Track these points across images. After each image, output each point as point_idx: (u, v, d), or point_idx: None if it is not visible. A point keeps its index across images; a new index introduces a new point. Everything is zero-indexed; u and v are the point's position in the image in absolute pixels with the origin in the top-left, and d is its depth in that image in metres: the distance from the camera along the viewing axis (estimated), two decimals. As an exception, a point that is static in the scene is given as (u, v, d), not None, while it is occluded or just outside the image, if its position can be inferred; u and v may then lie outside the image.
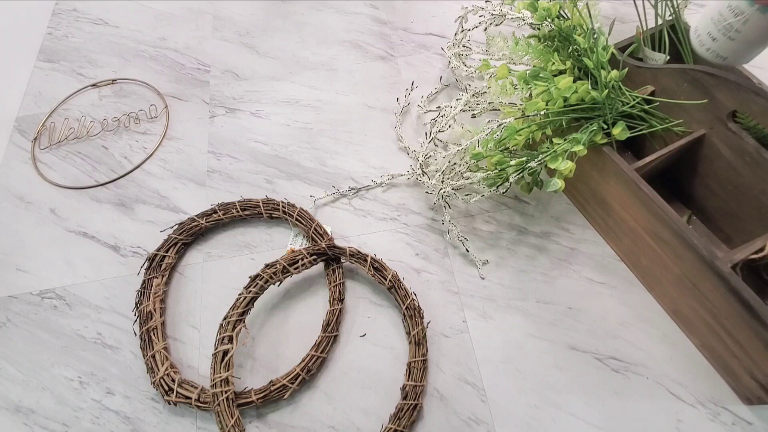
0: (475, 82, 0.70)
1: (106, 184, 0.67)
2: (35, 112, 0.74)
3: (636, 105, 0.52)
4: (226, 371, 0.48)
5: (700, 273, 0.44)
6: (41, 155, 0.70)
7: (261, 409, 0.51)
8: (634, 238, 0.52)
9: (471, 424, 0.49)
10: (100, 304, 0.58)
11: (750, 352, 0.43)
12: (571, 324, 0.53)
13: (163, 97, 0.75)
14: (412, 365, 0.50)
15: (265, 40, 0.80)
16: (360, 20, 0.81)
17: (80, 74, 0.78)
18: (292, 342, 0.54)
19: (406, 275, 0.57)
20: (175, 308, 0.57)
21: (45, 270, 0.60)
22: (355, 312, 0.56)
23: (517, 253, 0.58)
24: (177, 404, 0.50)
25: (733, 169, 0.49)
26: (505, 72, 0.53)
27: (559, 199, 0.61)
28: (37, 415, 0.51)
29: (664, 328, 0.52)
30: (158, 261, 0.58)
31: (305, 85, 0.74)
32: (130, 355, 0.54)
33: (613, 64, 0.54)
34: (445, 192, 0.57)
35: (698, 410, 0.48)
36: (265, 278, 0.52)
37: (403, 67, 0.75)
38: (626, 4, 0.78)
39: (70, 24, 0.85)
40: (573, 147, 0.48)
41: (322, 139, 0.69)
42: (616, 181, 0.50)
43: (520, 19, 0.55)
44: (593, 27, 0.50)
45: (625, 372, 0.50)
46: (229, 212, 0.60)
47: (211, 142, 0.70)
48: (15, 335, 0.56)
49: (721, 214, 0.53)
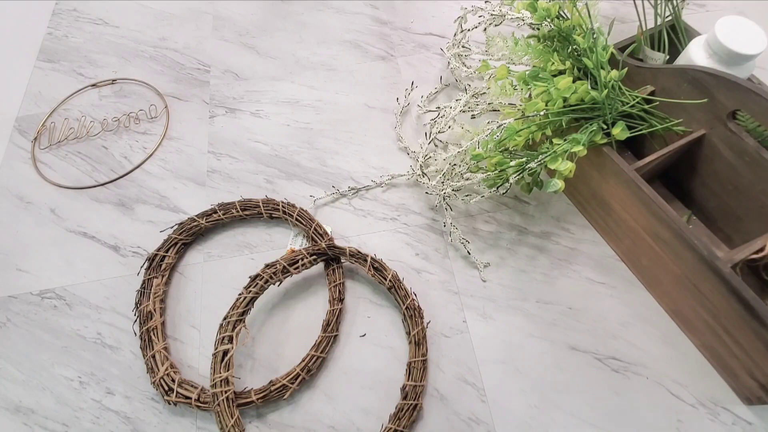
0: (474, 82, 0.70)
1: (106, 184, 0.67)
2: (35, 112, 0.74)
3: (636, 105, 0.52)
4: (226, 371, 0.48)
5: (700, 273, 0.44)
6: (41, 155, 0.70)
7: (261, 409, 0.51)
8: (634, 238, 0.52)
9: (471, 424, 0.49)
10: (100, 304, 0.58)
11: (750, 352, 0.43)
12: (571, 324, 0.53)
13: (163, 97, 0.75)
14: (412, 365, 0.50)
15: (265, 40, 0.80)
16: (360, 20, 0.81)
17: (80, 74, 0.78)
18: (292, 342, 0.54)
19: (406, 275, 0.57)
20: (175, 308, 0.57)
21: (45, 270, 0.60)
22: (355, 312, 0.56)
23: (517, 253, 0.58)
24: (177, 404, 0.50)
25: (733, 169, 0.49)
26: (505, 73, 0.52)
27: (559, 199, 0.61)
28: (37, 415, 0.51)
29: (664, 328, 0.52)
30: (158, 261, 0.58)
31: (305, 85, 0.74)
32: (130, 355, 0.54)
33: (612, 64, 0.54)
34: (446, 194, 0.57)
35: (698, 410, 0.48)
36: (265, 278, 0.52)
37: (403, 67, 0.75)
38: (626, 4, 0.78)
39: (70, 24, 0.85)
40: (573, 147, 0.48)
41: (322, 139, 0.69)
42: (616, 181, 0.50)
43: (520, 19, 0.55)
44: (593, 27, 0.50)
45: (625, 372, 0.50)
46: (229, 212, 0.60)
47: (211, 142, 0.70)
48: (15, 335, 0.56)
49: (721, 214, 0.53)
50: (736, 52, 0.48)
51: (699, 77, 0.48)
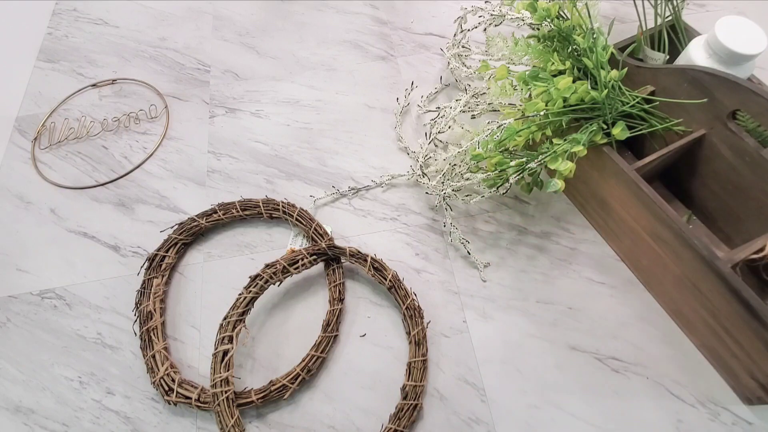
0: (474, 82, 0.70)
1: (106, 184, 0.67)
2: (35, 112, 0.74)
3: (636, 105, 0.52)
4: (226, 371, 0.48)
5: (700, 273, 0.44)
6: (41, 155, 0.70)
7: (261, 409, 0.51)
8: (634, 238, 0.52)
9: (471, 424, 0.49)
10: (100, 304, 0.58)
11: (750, 352, 0.43)
12: (571, 324, 0.53)
13: (163, 97, 0.75)
14: (412, 365, 0.50)
15: (265, 40, 0.80)
16: (360, 20, 0.81)
17: (80, 74, 0.78)
18: (292, 342, 0.54)
19: (406, 275, 0.57)
20: (175, 308, 0.57)
21: (45, 270, 0.60)
22: (355, 312, 0.56)
23: (517, 253, 0.58)
24: (177, 404, 0.50)
25: (733, 169, 0.49)
26: (505, 73, 0.52)
27: (559, 199, 0.61)
28: (37, 415, 0.51)
29: (664, 328, 0.52)
30: (158, 261, 0.58)
31: (305, 85, 0.74)
32: (130, 355, 0.54)
33: (612, 64, 0.54)
34: (446, 194, 0.57)
35: (698, 410, 0.48)
36: (265, 278, 0.52)
37: (403, 67, 0.75)
38: (626, 4, 0.78)
39: (70, 24, 0.85)
40: (573, 147, 0.48)
41: (322, 139, 0.69)
42: (616, 181, 0.50)
43: (520, 19, 0.55)
44: (593, 27, 0.50)
45: (625, 372, 0.50)
46: (229, 212, 0.60)
47: (211, 142, 0.70)
48: (15, 335, 0.56)
49: (721, 214, 0.53)
50: (736, 52, 0.48)
51: (699, 77, 0.48)
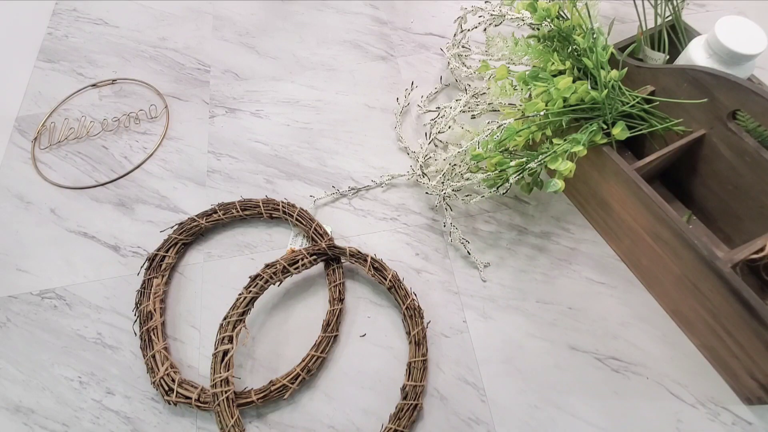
0: (474, 82, 0.70)
1: (106, 184, 0.67)
2: (35, 112, 0.74)
3: (636, 105, 0.52)
4: (226, 371, 0.48)
5: (700, 273, 0.44)
6: (41, 155, 0.70)
7: (261, 409, 0.51)
8: (634, 238, 0.52)
9: (471, 424, 0.49)
10: (100, 304, 0.58)
11: (750, 352, 0.43)
12: (571, 324, 0.53)
13: (163, 97, 0.75)
14: (412, 365, 0.50)
15: (265, 40, 0.80)
16: (360, 20, 0.81)
17: (80, 74, 0.78)
18: (292, 342, 0.54)
19: (406, 275, 0.57)
20: (175, 308, 0.57)
21: (45, 270, 0.60)
22: (355, 312, 0.56)
23: (517, 253, 0.58)
24: (177, 404, 0.50)
25: (733, 169, 0.49)
26: (505, 73, 0.52)
27: (559, 199, 0.61)
28: (37, 415, 0.51)
29: (664, 328, 0.52)
30: (158, 261, 0.58)
31: (305, 85, 0.74)
32: (130, 355, 0.54)
33: (612, 64, 0.54)
34: (446, 194, 0.57)
35: (698, 410, 0.48)
36: (265, 278, 0.52)
37: (403, 67, 0.75)
38: (626, 4, 0.78)
39: (70, 24, 0.85)
40: (573, 147, 0.48)
41: (322, 139, 0.69)
42: (616, 181, 0.50)
43: (520, 19, 0.55)
44: (593, 27, 0.50)
45: (625, 372, 0.50)
46: (229, 212, 0.60)
47: (211, 142, 0.70)
48: (15, 335, 0.56)
49: (721, 214, 0.54)
50: (736, 52, 0.48)
51: (699, 77, 0.48)
